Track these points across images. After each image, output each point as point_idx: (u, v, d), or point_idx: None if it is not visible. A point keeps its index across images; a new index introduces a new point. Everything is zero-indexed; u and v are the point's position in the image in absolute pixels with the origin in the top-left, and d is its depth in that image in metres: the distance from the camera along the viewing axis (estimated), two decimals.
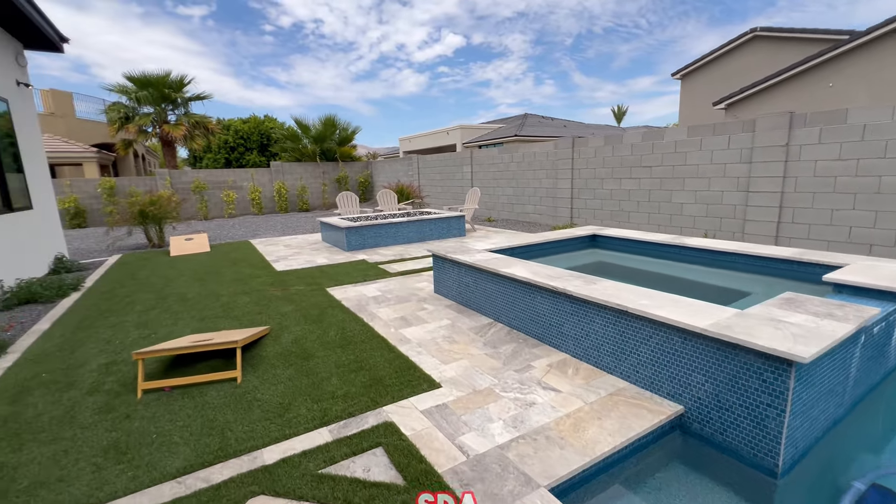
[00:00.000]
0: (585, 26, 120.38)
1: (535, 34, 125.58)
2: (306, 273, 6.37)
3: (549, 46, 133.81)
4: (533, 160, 11.17)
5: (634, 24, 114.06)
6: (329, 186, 19.47)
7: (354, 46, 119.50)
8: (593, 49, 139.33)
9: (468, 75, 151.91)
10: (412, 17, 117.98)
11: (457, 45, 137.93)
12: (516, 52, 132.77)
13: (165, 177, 16.28)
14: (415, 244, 8.60)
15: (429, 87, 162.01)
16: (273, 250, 8.48)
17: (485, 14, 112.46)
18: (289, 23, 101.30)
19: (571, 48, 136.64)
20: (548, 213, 10.94)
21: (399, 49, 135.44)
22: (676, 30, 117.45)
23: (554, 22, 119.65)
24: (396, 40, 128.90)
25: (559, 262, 4.37)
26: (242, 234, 11.61)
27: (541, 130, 24.00)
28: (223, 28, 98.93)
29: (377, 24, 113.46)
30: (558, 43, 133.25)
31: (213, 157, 23.17)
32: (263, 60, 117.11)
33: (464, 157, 13.77)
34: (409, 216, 9.37)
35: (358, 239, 8.11)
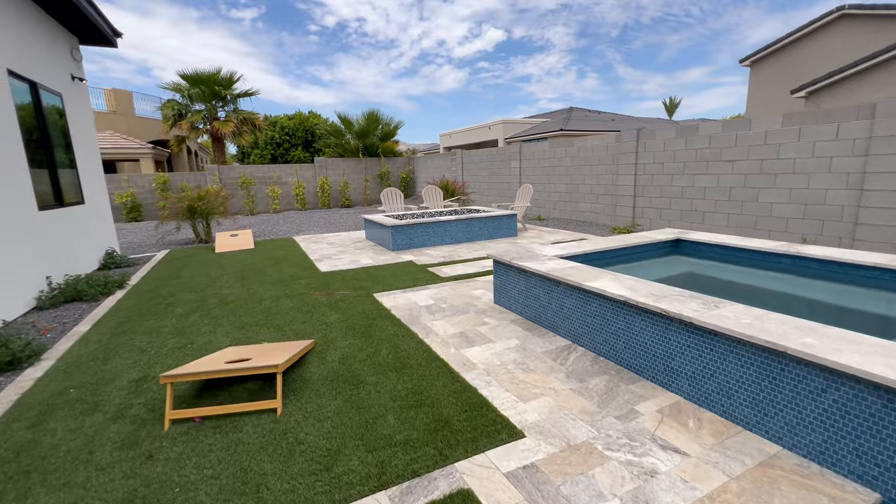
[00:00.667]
0: (632, 17, 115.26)
1: (578, 26, 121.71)
2: (351, 275, 5.91)
3: (593, 39, 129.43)
4: (590, 155, 10.28)
5: (686, 13, 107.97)
6: (371, 182, 19.21)
7: (396, 44, 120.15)
8: (640, 40, 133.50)
9: (508, 70, 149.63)
10: (453, 13, 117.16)
11: (497, 40, 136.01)
12: (558, 45, 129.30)
13: (215, 172, 16.49)
14: (464, 244, 8.00)
15: (468, 82, 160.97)
16: (316, 248, 8.12)
17: (527, 7, 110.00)
18: (333, 22, 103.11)
19: (617, 40, 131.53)
20: (605, 211, 10.05)
21: (439, 45, 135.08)
22: (732, 17, 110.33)
23: (599, 13, 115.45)
24: (437, 36, 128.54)
25: (640, 272, 3.64)
26: (286, 230, 11.42)
27: (588, 125, 22.76)
28: (271, 29, 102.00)
29: (418, 20, 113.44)
30: (603, 35, 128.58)
31: (260, 153, 23.51)
32: (308, 59, 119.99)
33: (511, 152, 13.02)
34: (456, 214, 8.78)
35: (404, 238, 7.60)
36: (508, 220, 8.54)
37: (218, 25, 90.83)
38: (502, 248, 4.78)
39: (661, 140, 8.54)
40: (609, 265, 4.27)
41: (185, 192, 16.46)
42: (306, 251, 7.84)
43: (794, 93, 13.83)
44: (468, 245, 7.91)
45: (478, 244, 7.98)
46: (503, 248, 4.77)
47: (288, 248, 8.27)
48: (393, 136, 19.93)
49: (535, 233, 9.14)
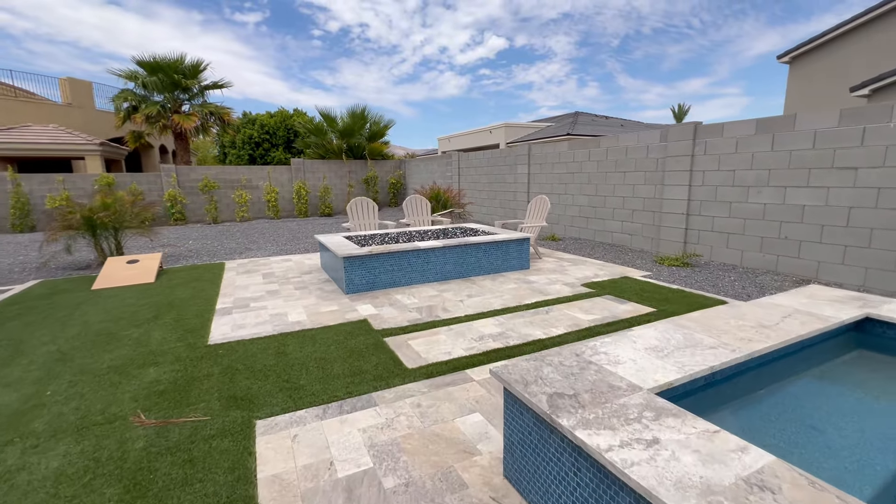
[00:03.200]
0: (633, 27, 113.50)
1: (580, 35, 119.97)
2: (251, 354, 3.37)
3: (594, 48, 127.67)
4: (622, 158, 7.77)
5: (686, 24, 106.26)
6: (356, 188, 16.69)
7: (398, 50, 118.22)
8: (641, 50, 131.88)
9: (510, 77, 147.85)
10: (455, 20, 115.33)
11: (499, 48, 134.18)
12: (560, 53, 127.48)
13: (171, 174, 13.97)
14: (454, 283, 5.46)
15: (469, 89, 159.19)
16: (243, 283, 5.58)
17: (529, 16, 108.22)
18: (336, 27, 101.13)
19: (618, 49, 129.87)
20: (644, 233, 7.52)
21: (441, 52, 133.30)
22: (732, 29, 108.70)
23: (600, 23, 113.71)
24: (439, 43, 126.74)
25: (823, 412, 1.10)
26: (231, 248, 8.88)
27: (595, 130, 20.33)
28: (275, 33, 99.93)
29: (421, 27, 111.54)
30: (604, 44, 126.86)
31: (237, 154, 21.01)
32: (311, 64, 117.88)
33: (518, 155, 10.50)
34: (445, 237, 6.25)
35: (364, 275, 5.06)
36: (518, 246, 5.99)
37: (221, 28, 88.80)
38: (509, 292, 2.39)
39: (732, 138, 6.03)
40: (742, 389, 1.75)
41: (135, 194, 14.02)
42: (223, 290, 5.29)
43: (854, 90, 11.42)
44: (461, 285, 5.37)
45: (475, 283, 5.44)
46: (511, 292, 2.34)
47: (203, 282, 5.71)
48: (382, 137, 17.44)
49: (554, 262, 6.59)
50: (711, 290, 4.99)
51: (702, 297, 4.66)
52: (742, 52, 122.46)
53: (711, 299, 4.55)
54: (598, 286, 5.16)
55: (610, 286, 5.14)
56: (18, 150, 14.15)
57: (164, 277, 5.95)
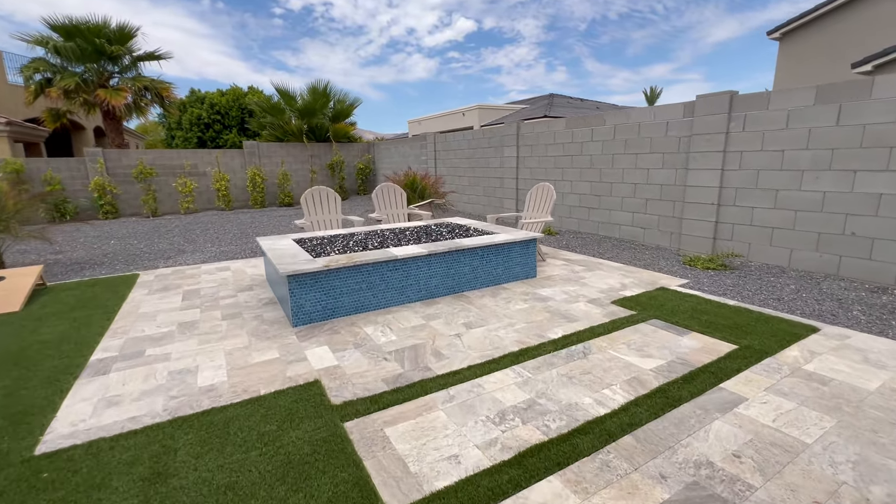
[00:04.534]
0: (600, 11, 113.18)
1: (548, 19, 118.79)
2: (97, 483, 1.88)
3: (562, 32, 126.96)
4: (635, 138, 6.51)
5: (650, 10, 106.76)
6: (319, 174, 14.90)
7: (364, 30, 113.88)
8: (607, 35, 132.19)
9: (479, 61, 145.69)
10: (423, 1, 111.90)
11: (468, 30, 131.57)
12: (528, 37, 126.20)
13: (97, 159, 11.81)
14: (443, 301, 4.07)
15: (438, 72, 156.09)
16: (151, 310, 3.99)
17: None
18: (298, 5, 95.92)
19: (585, 34, 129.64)
20: (661, 227, 6.33)
21: (409, 33, 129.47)
22: (693, 16, 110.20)
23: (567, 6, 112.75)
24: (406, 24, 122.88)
25: None
26: (163, 248, 7.14)
27: (572, 112, 19.22)
28: (232, 10, 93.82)
29: (387, 7, 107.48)
30: (572, 28, 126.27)
31: (184, 136, 18.65)
32: (273, 44, 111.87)
33: (505, 135, 9.10)
34: (428, 236, 4.81)
35: (321, 299, 3.58)
36: (523, 250, 4.63)
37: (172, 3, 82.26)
38: (521, 316, 2.43)
39: (781, 111, 4.83)
40: None
41: (52, 183, 11.79)
42: (116, 323, 3.71)
43: (855, 66, 10.57)
44: (452, 305, 3.98)
45: (472, 303, 4.06)
46: (522, 315, 2.19)
47: (94, 308, 4.08)
48: (348, 117, 15.63)
49: (563, 266, 5.29)
50: (776, 305, 3.81)
51: (777, 319, 3.46)
52: (702, 38, 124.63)
53: (794, 324, 3.35)
54: (633, 304, 3.89)
55: (649, 303, 3.88)
56: None
57: (40, 301, 4.26)
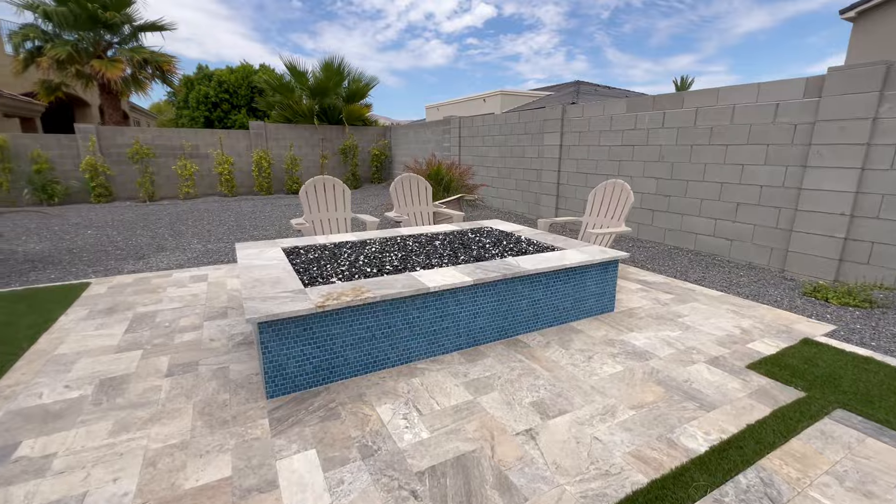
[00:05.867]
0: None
1: (569, 5, 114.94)
2: None
3: (583, 20, 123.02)
4: (727, 125, 5.06)
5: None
6: (331, 160, 13.62)
7: (382, 14, 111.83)
8: (630, 24, 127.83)
9: (497, 48, 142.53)
10: None
11: (487, 16, 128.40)
12: (549, 24, 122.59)
13: (90, 136, 10.67)
14: (493, 352, 2.76)
15: (456, 59, 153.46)
16: (72, 354, 2.78)
17: None
18: None
19: (608, 22, 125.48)
20: (758, 239, 4.91)
21: (428, 18, 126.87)
22: (721, 5, 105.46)
23: None
24: (425, 9, 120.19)
25: None
26: (141, 243, 5.96)
27: (599, 101, 17.48)
28: None
29: None
30: (594, 16, 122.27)
31: (191, 115, 17.49)
32: (291, 26, 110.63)
33: (547, 120, 7.67)
34: (466, 249, 3.48)
35: (310, 357, 2.30)
36: (600, 275, 3.28)
37: None
38: (615, 386, 2.40)
39: None
40: None
41: (39, 161, 10.70)
42: (8, 377, 2.48)
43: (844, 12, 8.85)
44: (508, 363, 2.68)
45: (536, 358, 2.74)
46: (619, 385, 2.38)
47: (9, 342, 2.87)
48: (363, 97, 14.26)
49: (643, 293, 3.93)
50: None
51: None
52: (730, 29, 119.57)
53: None
54: (785, 372, 2.53)
55: (808, 371, 2.52)
56: None
57: None
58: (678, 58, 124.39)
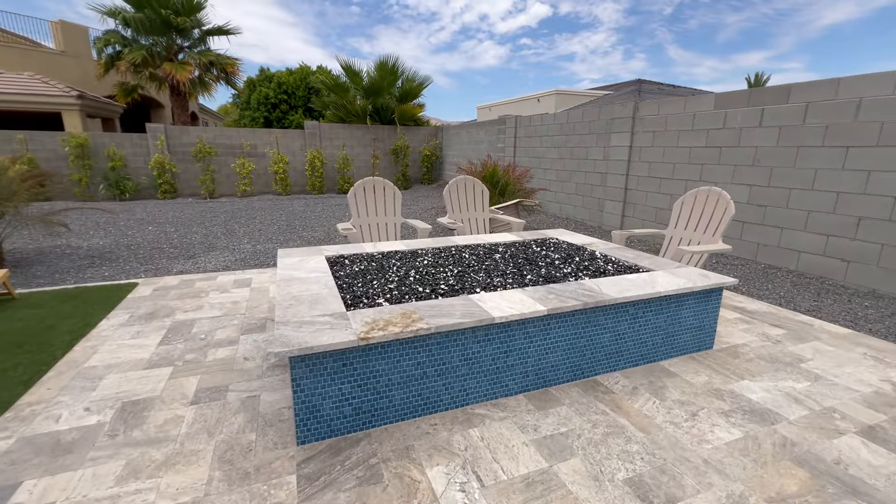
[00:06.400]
0: None
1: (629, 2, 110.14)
2: None
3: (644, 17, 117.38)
4: (847, 120, 4.19)
5: None
6: (382, 160, 13.50)
7: (437, 17, 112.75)
8: (696, 19, 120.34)
9: (551, 48, 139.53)
10: None
11: (542, 16, 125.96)
12: (606, 22, 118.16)
13: (158, 135, 11.17)
14: (566, 396, 2.25)
15: (508, 59, 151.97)
16: (105, 361, 2.58)
17: None
18: None
19: (670, 18, 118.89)
20: (885, 261, 4.02)
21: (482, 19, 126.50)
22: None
23: None
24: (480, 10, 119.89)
25: None
26: (194, 241, 5.96)
27: (663, 100, 16.09)
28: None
29: None
30: (656, 13, 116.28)
31: (252, 116, 18.13)
32: (349, 31, 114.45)
33: (615, 118, 6.96)
34: (533, 266, 2.97)
35: (349, 397, 1.91)
36: (699, 304, 2.65)
37: None
38: (737, 464, 1.65)
39: None
40: None
41: (114, 159, 11.33)
42: (33, 392, 2.31)
43: None
44: (586, 408, 2.16)
45: (623, 404, 2.20)
46: (746, 469, 1.62)
47: (31, 348, 2.75)
48: (416, 97, 14.04)
49: (744, 326, 3.24)
50: None
51: None
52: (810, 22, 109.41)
53: None
54: None
55: None
56: None
57: None
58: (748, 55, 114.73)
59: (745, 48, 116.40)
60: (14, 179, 4.66)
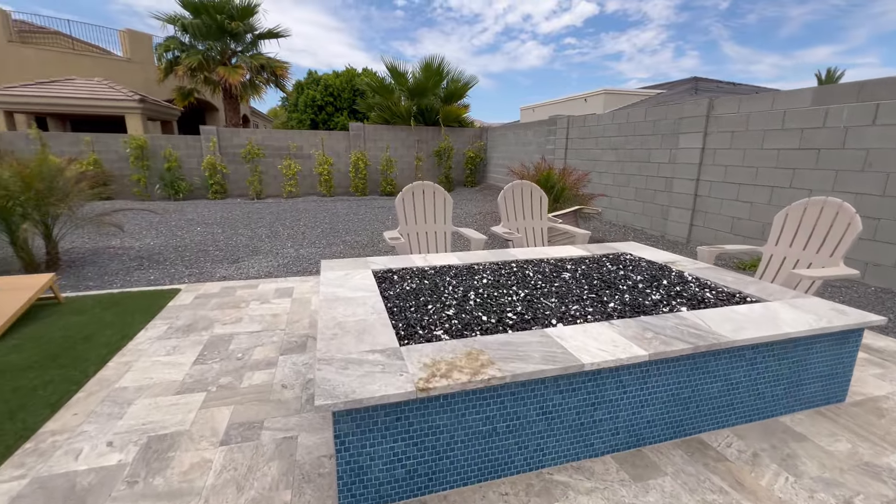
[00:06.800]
0: None
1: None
2: None
3: (697, 12, 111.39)
4: None
5: None
6: (425, 161, 13.25)
7: (480, 18, 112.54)
8: (755, 13, 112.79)
9: (597, 47, 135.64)
10: None
11: (588, 14, 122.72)
12: (656, 19, 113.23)
13: (211, 137, 11.46)
14: (667, 462, 1.79)
15: (552, 60, 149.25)
16: (137, 381, 2.38)
17: None
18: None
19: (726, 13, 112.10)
20: None
21: (525, 20, 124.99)
22: None
23: None
24: (523, 11, 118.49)
25: None
26: (239, 244, 5.88)
27: (725, 99, 14.84)
28: (360, 4, 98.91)
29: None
30: (710, 8, 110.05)
31: (299, 118, 18.46)
32: (393, 34, 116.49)
33: (684, 116, 6.29)
34: (611, 289, 2.50)
35: (402, 457, 1.54)
36: (831, 349, 2.10)
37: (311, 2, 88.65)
38: None
39: None
40: None
41: (170, 160, 11.72)
42: (57, 419, 2.10)
43: None
44: (695, 479, 1.68)
45: (745, 478, 1.71)
46: None
47: (67, 361, 2.60)
48: (461, 98, 13.70)
49: (875, 372, 2.61)
50: None
51: None
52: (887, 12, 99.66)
53: None
54: None
55: None
56: (48, 105, 12.34)
57: (17, 336, 2.91)
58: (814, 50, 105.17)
59: (810, 43, 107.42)
60: (70, 180, 4.69)
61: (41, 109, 12.63)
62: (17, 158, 4.60)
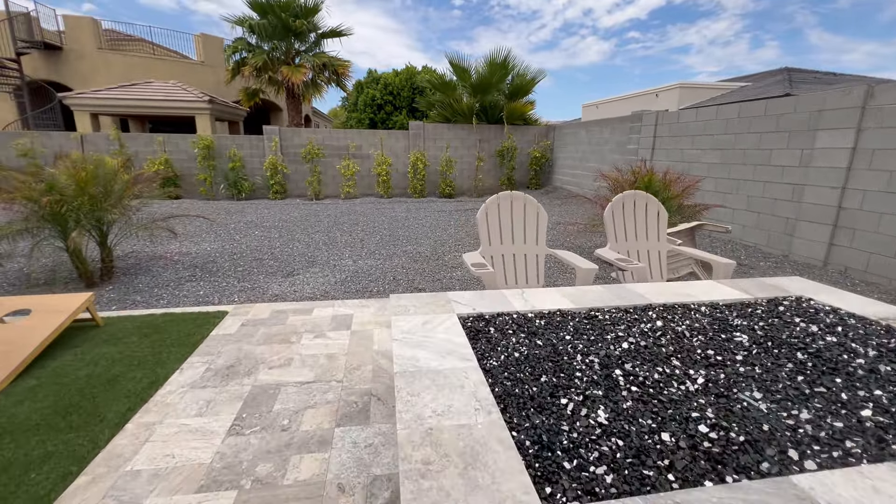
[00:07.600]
0: None
1: None
2: None
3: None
4: None
5: None
6: (486, 162, 12.45)
7: (538, 15, 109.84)
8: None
9: (663, 40, 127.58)
10: None
11: (653, 6, 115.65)
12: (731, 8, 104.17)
13: (273, 137, 11.39)
14: None
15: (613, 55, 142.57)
16: (153, 464, 1.81)
17: None
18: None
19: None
20: None
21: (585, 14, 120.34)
22: None
23: None
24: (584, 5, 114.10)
25: None
26: (297, 252, 5.43)
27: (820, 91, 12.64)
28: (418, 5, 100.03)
29: None
30: None
31: (358, 117, 18.31)
32: (450, 34, 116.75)
33: (823, 108, 5.01)
34: (836, 380, 1.58)
35: None
36: None
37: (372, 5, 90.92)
38: None
39: None
40: None
41: (234, 160, 11.80)
42: None
43: None
44: None
45: None
46: None
47: (79, 415, 2.08)
48: (527, 94, 12.74)
49: None
50: None
51: None
52: None
53: None
54: None
55: None
56: (127, 107, 12.87)
57: (36, 376, 2.47)
58: None
59: None
60: (126, 183, 4.39)
61: (122, 111, 13.24)
62: (73, 160, 4.34)
